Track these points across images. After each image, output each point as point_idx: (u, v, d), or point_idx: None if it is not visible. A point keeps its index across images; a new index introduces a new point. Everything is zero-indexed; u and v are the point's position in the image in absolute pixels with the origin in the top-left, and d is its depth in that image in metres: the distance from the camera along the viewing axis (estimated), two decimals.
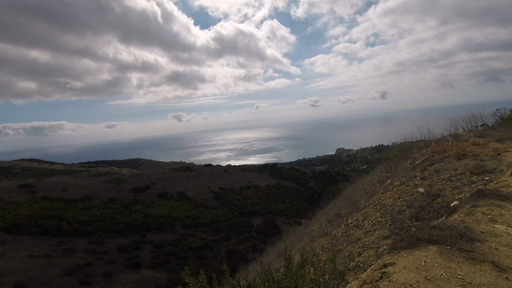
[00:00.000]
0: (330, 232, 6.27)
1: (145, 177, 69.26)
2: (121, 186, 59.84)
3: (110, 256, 31.81)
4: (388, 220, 4.84)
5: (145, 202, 53.67)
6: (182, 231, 45.32)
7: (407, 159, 8.65)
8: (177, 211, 52.91)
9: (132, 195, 55.85)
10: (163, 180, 68.67)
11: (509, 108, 19.95)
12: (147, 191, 60.04)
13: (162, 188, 63.04)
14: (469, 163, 6.45)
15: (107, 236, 37.72)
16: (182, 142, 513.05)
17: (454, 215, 3.73)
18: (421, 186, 5.94)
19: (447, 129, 11.46)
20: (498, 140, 8.06)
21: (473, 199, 3.89)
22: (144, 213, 47.29)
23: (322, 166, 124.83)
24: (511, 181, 4.60)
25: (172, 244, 38.00)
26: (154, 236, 40.54)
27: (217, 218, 53.37)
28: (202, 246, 38.68)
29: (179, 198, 59.35)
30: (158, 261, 32.46)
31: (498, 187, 4.45)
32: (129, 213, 46.21)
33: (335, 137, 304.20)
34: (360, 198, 7.13)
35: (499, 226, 3.35)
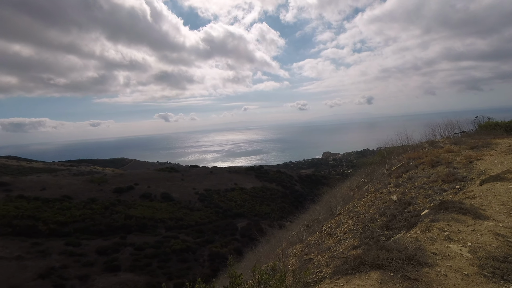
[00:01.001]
0: (305, 238, 6.14)
1: (129, 177, 67.67)
2: (103, 186, 58.19)
3: (87, 258, 30.70)
4: (360, 229, 4.77)
5: (128, 203, 52.34)
6: (165, 233, 44.43)
7: (385, 165, 8.69)
8: (160, 212, 51.88)
9: (114, 196, 54.35)
10: (147, 180, 67.31)
11: (487, 116, 20.65)
12: (130, 191, 58.61)
13: (146, 188, 61.73)
14: (442, 171, 6.49)
15: (86, 237, 36.45)
16: (169, 142, 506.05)
17: (411, 231, 3.57)
18: (394, 193, 5.91)
19: (426, 136, 11.66)
20: (472, 148, 8.21)
21: (434, 212, 3.78)
22: (126, 214, 46.08)
23: (309, 170, 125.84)
24: (477, 192, 4.64)
25: (154, 247, 37.14)
26: (136, 238, 39.50)
27: (201, 220, 52.67)
28: (184, 249, 38.01)
29: (163, 199, 58.25)
30: (138, 264, 31.59)
31: (463, 198, 4.44)
32: (110, 214, 44.91)
33: (322, 141, 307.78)
34: (336, 204, 7.07)
35: (454, 246, 3.17)
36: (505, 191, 4.72)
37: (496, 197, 4.55)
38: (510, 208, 4.15)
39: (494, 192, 4.73)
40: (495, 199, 4.48)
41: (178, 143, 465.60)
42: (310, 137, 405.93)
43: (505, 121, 16.18)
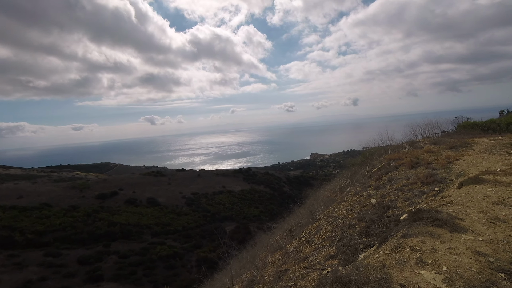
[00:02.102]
0: (285, 245, 5.92)
1: (113, 183, 65.91)
2: (85, 192, 56.40)
3: (68, 269, 29.46)
4: (338, 236, 4.55)
5: (112, 209, 50.87)
6: (151, 239, 43.38)
7: (367, 167, 8.60)
8: (146, 218, 50.69)
9: (97, 202, 52.74)
10: (132, 185, 65.79)
11: (465, 116, 21.21)
12: (114, 197, 57.06)
13: (131, 194, 60.29)
14: (421, 172, 6.40)
15: (66, 247, 35.01)
16: (155, 146, 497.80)
17: (381, 250, 3.18)
18: (374, 196, 5.78)
19: (407, 136, 11.72)
20: (451, 148, 8.23)
21: (408, 223, 3.49)
22: (110, 221, 44.71)
23: (297, 171, 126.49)
24: (455, 197, 4.44)
25: (139, 254, 36.13)
26: (120, 245, 38.33)
27: (188, 224, 51.82)
28: (171, 255, 37.16)
29: (149, 204, 57.01)
30: (122, 272, 30.58)
31: (440, 205, 4.18)
32: (93, 222, 43.45)
33: (310, 142, 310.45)
34: (317, 208, 6.89)
35: (426, 273, 2.63)
36: (484, 195, 4.55)
37: (475, 203, 4.33)
38: (490, 216, 3.90)
39: (472, 196, 4.54)
40: (474, 206, 4.25)
41: (165, 147, 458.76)
42: (298, 139, 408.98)
43: (482, 120, 16.60)
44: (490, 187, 4.76)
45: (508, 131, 14.53)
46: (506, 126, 15.36)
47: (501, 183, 4.75)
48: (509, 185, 4.67)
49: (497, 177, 4.83)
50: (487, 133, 13.51)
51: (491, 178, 4.77)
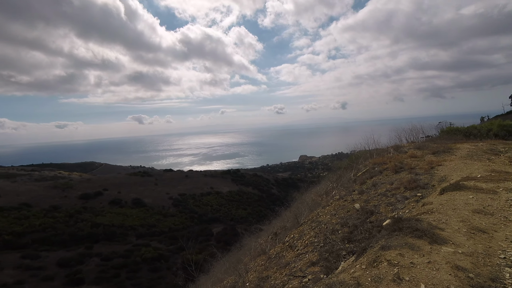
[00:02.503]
0: (269, 250, 5.82)
1: (97, 182, 64.33)
2: (68, 192, 54.79)
3: (47, 272, 28.42)
4: (321, 241, 4.50)
5: (95, 210, 49.59)
6: (136, 241, 42.48)
7: (352, 170, 8.63)
8: (131, 219, 49.66)
9: (80, 202, 51.32)
10: (118, 185, 64.39)
11: (449, 121, 21.76)
12: (98, 197, 55.68)
13: (116, 194, 58.98)
14: (404, 177, 6.42)
15: (46, 249, 33.82)
16: (143, 145, 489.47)
17: (357, 263, 3.05)
18: (358, 201, 5.77)
19: (393, 140, 11.86)
20: (434, 153, 8.37)
21: (387, 234, 3.37)
22: (93, 222, 43.55)
23: (285, 173, 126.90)
24: (437, 205, 4.40)
25: (123, 256, 35.28)
26: (103, 247, 37.34)
27: (175, 226, 51.08)
28: (156, 257, 36.44)
29: (134, 205, 55.89)
30: (104, 275, 29.75)
31: (421, 213, 4.14)
32: (75, 223, 42.22)
33: (299, 144, 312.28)
34: (302, 212, 6.84)
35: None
36: (464, 203, 4.54)
37: (456, 211, 4.29)
38: (470, 226, 3.85)
39: (453, 204, 4.51)
40: (455, 214, 4.21)
41: (152, 146, 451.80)
42: (287, 141, 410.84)
43: (464, 126, 17.06)
44: (470, 194, 4.76)
45: (488, 137, 14.97)
46: (486, 132, 15.83)
47: (482, 190, 4.77)
48: (489, 192, 4.70)
49: (478, 183, 4.88)
50: (469, 138, 13.87)
51: (471, 185, 4.81)
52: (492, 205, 4.64)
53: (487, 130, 16.00)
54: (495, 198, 4.83)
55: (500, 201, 4.79)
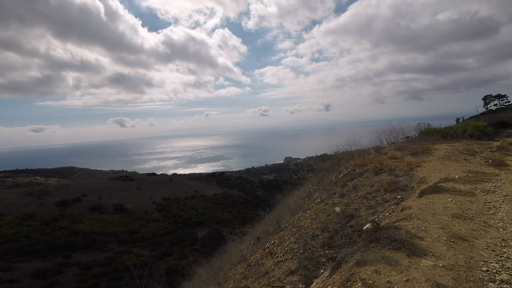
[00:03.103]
0: (249, 256, 5.65)
1: (76, 188, 61.96)
2: (44, 199, 52.38)
3: (20, 284, 26.92)
4: (301, 247, 4.38)
5: (74, 217, 47.67)
6: (117, 248, 41.11)
7: (334, 172, 8.63)
8: (112, 225, 48.08)
9: (57, 209, 49.18)
10: (98, 191, 62.27)
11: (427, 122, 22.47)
12: (77, 204, 53.60)
13: (96, 200, 56.99)
14: (384, 179, 6.44)
15: (20, 260, 32.04)
16: (125, 149, 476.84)
17: (330, 281, 2.85)
18: (338, 204, 5.71)
19: (374, 141, 12.02)
20: (413, 154, 8.53)
21: (363, 246, 3.18)
22: (71, 230, 41.81)
23: (271, 175, 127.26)
24: (416, 209, 4.32)
25: (103, 264, 34.01)
26: (82, 256, 35.87)
27: (158, 231, 49.92)
28: (138, 264, 35.38)
29: (116, 211, 54.20)
30: (83, 285, 28.55)
31: (400, 219, 4.02)
32: (52, 231, 40.36)
33: (284, 146, 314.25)
34: (284, 216, 6.72)
35: None
36: (443, 207, 4.48)
37: (435, 216, 4.21)
38: (450, 233, 3.75)
39: (433, 208, 4.43)
40: (434, 219, 4.11)
41: (135, 150, 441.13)
42: (272, 143, 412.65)
43: (441, 127, 17.64)
44: (449, 197, 4.74)
45: (463, 137, 15.52)
46: (462, 133, 16.42)
47: (460, 193, 4.80)
48: (467, 195, 4.74)
49: (456, 185, 4.93)
50: (446, 139, 14.30)
51: (450, 187, 4.84)
52: (471, 209, 4.63)
53: (462, 131, 16.60)
54: (473, 201, 4.84)
55: (478, 204, 4.79)
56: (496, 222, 4.30)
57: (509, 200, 5.18)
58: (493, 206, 4.86)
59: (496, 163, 7.59)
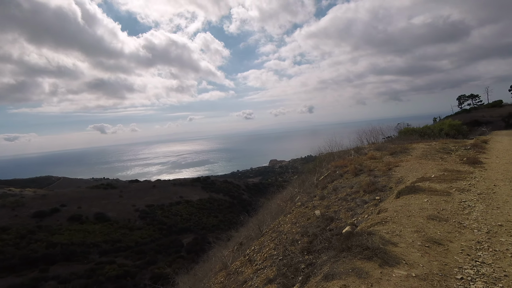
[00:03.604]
0: (230, 264, 5.51)
1: (54, 198, 59.43)
2: (19, 210, 49.85)
3: None
4: (280, 254, 4.32)
5: (51, 229, 45.64)
6: (99, 258, 39.66)
7: (315, 174, 8.64)
8: (93, 235, 46.39)
9: (33, 221, 46.92)
10: (78, 200, 60.01)
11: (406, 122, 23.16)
12: (55, 214, 51.37)
13: (76, 210, 54.86)
14: (363, 180, 6.48)
15: None
16: (106, 156, 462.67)
17: None
18: (319, 207, 5.69)
19: (355, 142, 12.21)
20: (392, 153, 8.71)
21: (333, 257, 3.03)
22: (49, 242, 39.97)
23: (256, 178, 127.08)
24: (391, 212, 4.26)
25: (84, 276, 32.71)
26: (61, 269, 34.34)
27: (142, 239, 48.61)
28: (122, 274, 34.28)
29: (97, 220, 52.38)
30: None
31: (376, 223, 3.91)
32: (27, 244, 38.41)
33: (269, 149, 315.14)
34: (265, 220, 6.62)
35: None
36: (419, 208, 4.46)
37: (411, 219, 4.16)
38: (425, 237, 3.66)
39: (408, 210, 4.40)
40: (409, 222, 4.05)
41: (116, 156, 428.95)
42: (257, 146, 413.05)
43: (419, 127, 18.22)
44: (425, 198, 4.76)
45: (440, 136, 16.09)
46: (439, 132, 17.01)
47: (436, 192, 4.85)
48: (442, 194, 4.80)
49: (432, 184, 5.01)
50: (423, 138, 14.76)
51: (426, 186, 4.91)
52: (446, 209, 4.63)
53: (439, 130, 17.20)
54: (448, 201, 4.87)
55: (453, 204, 4.81)
56: (471, 222, 4.30)
57: (483, 198, 5.23)
58: (468, 206, 4.88)
59: (471, 161, 7.87)
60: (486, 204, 5.00)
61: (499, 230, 4.02)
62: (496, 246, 3.63)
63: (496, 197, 5.31)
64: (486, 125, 34.05)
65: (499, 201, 5.12)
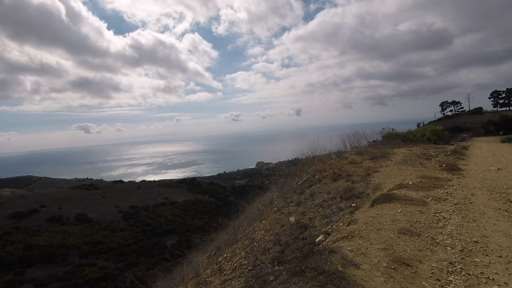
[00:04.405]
0: (201, 272, 5.32)
1: (33, 199, 57.25)
2: None
3: None
4: (250, 263, 4.15)
5: (30, 230, 43.93)
6: (78, 260, 38.47)
7: (295, 178, 8.57)
8: (73, 237, 44.93)
9: (10, 222, 45.07)
10: (58, 201, 58.05)
11: (391, 127, 23.60)
12: (34, 215, 49.53)
13: (56, 211, 53.06)
14: (341, 186, 6.39)
15: None
16: (90, 155, 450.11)
17: None
18: (294, 213, 5.58)
19: (339, 146, 12.30)
20: (372, 158, 8.75)
21: (283, 283, 2.65)
22: (26, 244, 38.43)
23: (243, 180, 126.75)
24: (361, 223, 4.01)
25: (62, 279, 31.66)
26: (38, 271, 33.05)
27: (125, 241, 47.48)
28: (102, 277, 33.37)
29: (78, 222, 50.83)
30: None
31: (342, 237, 3.61)
32: (3, 246, 36.86)
33: (256, 151, 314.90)
34: (240, 226, 6.48)
35: None
36: (391, 220, 4.19)
37: (380, 233, 3.82)
38: (393, 256, 3.30)
39: (379, 222, 4.13)
40: (378, 237, 3.72)
41: (101, 157, 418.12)
42: (244, 148, 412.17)
43: (403, 132, 18.63)
44: (399, 207, 4.60)
45: (422, 141, 16.47)
46: (421, 137, 17.42)
47: (411, 201, 4.73)
48: (418, 204, 4.66)
49: (409, 192, 4.98)
50: (406, 143, 15.08)
51: (402, 194, 4.86)
52: (420, 221, 4.37)
53: (421, 135, 17.63)
54: (423, 211, 4.66)
55: (428, 215, 4.58)
56: (445, 238, 3.98)
57: (459, 209, 4.99)
58: (443, 218, 4.62)
59: (450, 167, 8.00)
60: (462, 216, 4.75)
61: (474, 248, 3.70)
62: (470, 268, 3.24)
63: (473, 207, 5.10)
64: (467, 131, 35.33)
65: (475, 212, 4.91)
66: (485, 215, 4.75)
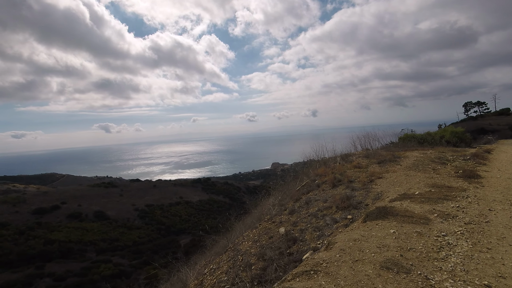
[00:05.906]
0: (189, 283, 5.04)
1: (55, 195, 59.64)
2: (20, 207, 50.07)
3: None
4: (230, 281, 3.75)
5: (51, 226, 45.73)
6: (95, 257, 39.61)
7: (298, 182, 8.14)
8: (91, 233, 46.35)
9: (33, 218, 47.09)
10: (78, 198, 60.14)
11: (411, 128, 22.57)
12: (55, 211, 51.54)
13: (76, 207, 54.99)
14: (339, 194, 5.81)
15: None
16: (110, 154, 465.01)
17: None
18: (286, 223, 5.10)
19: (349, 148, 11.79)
20: (380, 162, 8.06)
21: None
22: (47, 239, 39.98)
23: (258, 180, 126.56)
24: (338, 248, 3.19)
25: (79, 275, 32.61)
26: (57, 266, 34.30)
27: (140, 239, 48.48)
28: (117, 274, 34.09)
29: (96, 219, 52.43)
30: None
31: (301, 272, 2.76)
32: (25, 240, 38.47)
33: (271, 152, 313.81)
34: (236, 231, 6.17)
35: None
36: (378, 245, 3.28)
37: (356, 267, 2.86)
38: None
39: (361, 249, 3.21)
40: (350, 275, 2.72)
41: (120, 156, 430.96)
42: (260, 148, 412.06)
43: (421, 133, 17.72)
44: (394, 226, 3.80)
45: (441, 144, 15.57)
46: (439, 139, 16.49)
47: (411, 218, 4.00)
48: (418, 222, 3.88)
49: (411, 204, 4.33)
50: (422, 145, 14.28)
51: (402, 208, 4.20)
52: (415, 248, 3.28)
53: (440, 137, 16.69)
54: (423, 233, 3.67)
55: (428, 239, 3.53)
56: (444, 278, 2.71)
57: (471, 231, 3.79)
58: (447, 244, 3.44)
59: (467, 174, 7.21)
60: (473, 241, 3.51)
61: None
62: None
63: (489, 229, 3.86)
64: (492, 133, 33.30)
65: (491, 236, 3.64)
66: (505, 241, 3.48)
